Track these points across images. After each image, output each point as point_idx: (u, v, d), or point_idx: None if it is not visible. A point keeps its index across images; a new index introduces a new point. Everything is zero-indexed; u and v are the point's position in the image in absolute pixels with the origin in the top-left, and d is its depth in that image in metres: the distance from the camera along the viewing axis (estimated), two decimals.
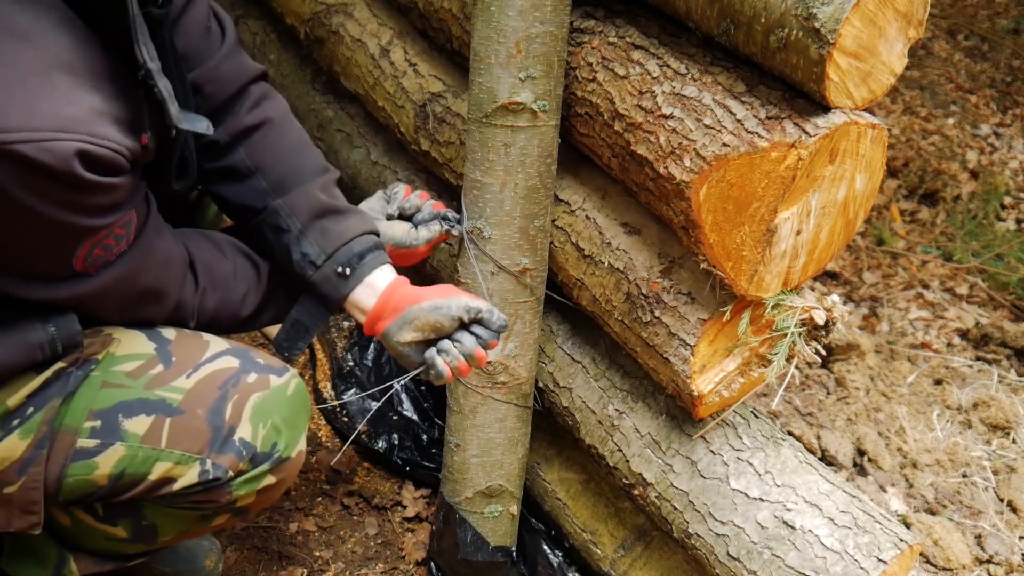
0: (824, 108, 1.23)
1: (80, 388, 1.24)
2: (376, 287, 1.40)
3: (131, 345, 1.29)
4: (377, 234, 1.44)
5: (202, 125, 1.22)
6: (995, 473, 2.38)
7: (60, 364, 1.22)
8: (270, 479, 1.35)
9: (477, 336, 1.39)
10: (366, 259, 1.39)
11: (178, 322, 1.36)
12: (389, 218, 1.58)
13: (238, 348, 1.36)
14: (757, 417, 1.59)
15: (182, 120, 1.19)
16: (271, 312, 1.48)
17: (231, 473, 1.30)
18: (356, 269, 1.38)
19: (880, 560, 1.35)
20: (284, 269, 1.43)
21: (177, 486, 1.29)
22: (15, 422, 1.21)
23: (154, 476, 1.27)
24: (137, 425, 1.25)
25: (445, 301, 1.37)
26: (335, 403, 2.17)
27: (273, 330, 2.37)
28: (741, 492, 1.47)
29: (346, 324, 2.42)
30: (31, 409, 1.21)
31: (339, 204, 1.42)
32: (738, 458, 1.50)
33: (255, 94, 1.44)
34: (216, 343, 1.35)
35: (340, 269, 1.38)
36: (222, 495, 1.32)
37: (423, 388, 2.26)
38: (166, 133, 1.21)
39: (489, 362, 1.62)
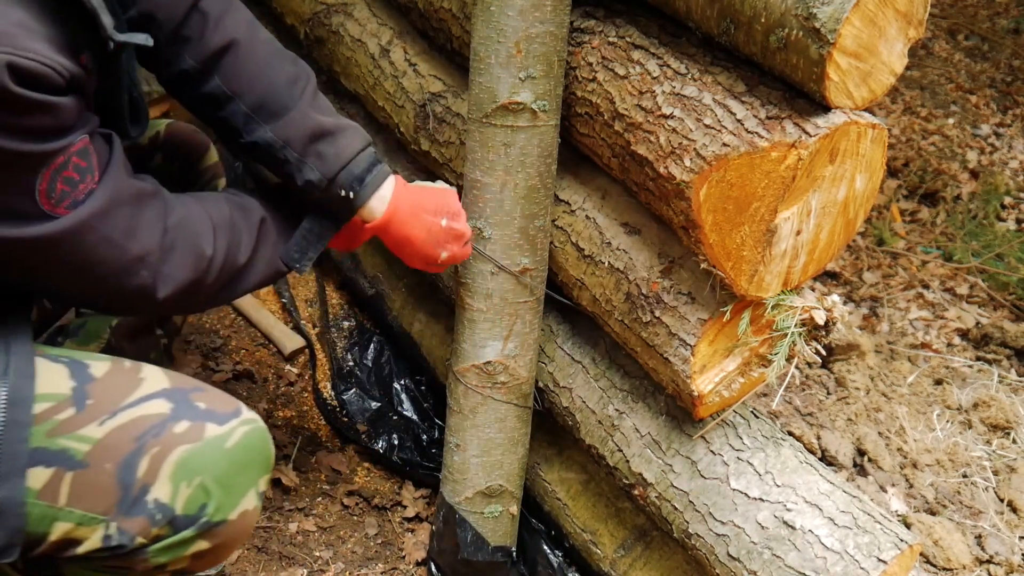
0: (824, 108, 1.23)
1: None
2: (383, 198, 1.43)
3: (46, 383, 1.14)
4: (371, 144, 1.44)
5: (140, 37, 1.17)
6: (995, 473, 2.37)
7: None
8: (202, 544, 1.18)
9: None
10: (366, 181, 1.40)
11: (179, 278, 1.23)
12: None
13: (181, 389, 1.21)
14: (757, 417, 1.59)
15: (118, 33, 1.13)
16: (263, 261, 1.37)
17: (141, 540, 1.15)
18: (359, 192, 1.40)
19: (880, 560, 1.35)
20: (288, 187, 1.44)
21: (81, 549, 1.14)
22: None
23: (54, 536, 1.13)
24: (33, 478, 1.10)
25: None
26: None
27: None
28: (741, 492, 1.47)
29: (346, 324, 2.42)
30: None
31: (328, 123, 1.39)
32: (738, 458, 1.50)
33: (213, 12, 1.36)
34: (154, 381, 1.20)
35: (343, 193, 1.39)
36: (136, 562, 1.17)
37: (423, 388, 2.27)
38: (103, 50, 1.14)
39: (489, 362, 1.62)
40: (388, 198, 1.43)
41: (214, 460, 1.17)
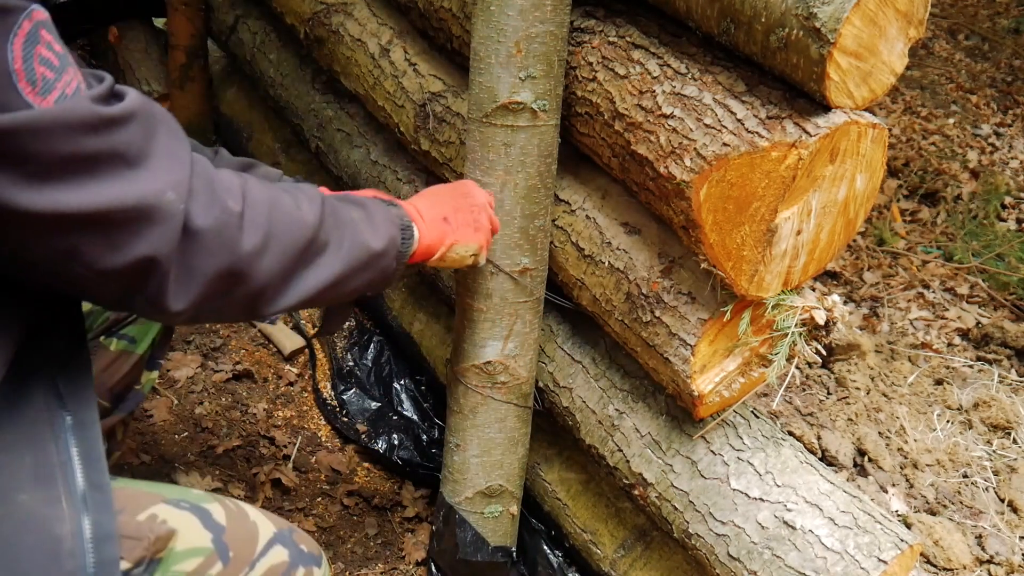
0: (825, 108, 1.23)
1: None
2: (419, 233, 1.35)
3: (189, 537, 1.15)
4: (390, 203, 1.35)
5: None
6: (995, 473, 2.37)
7: (126, 565, 1.07)
8: None
9: None
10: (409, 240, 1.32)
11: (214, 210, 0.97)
12: None
13: (282, 532, 1.27)
14: (757, 417, 1.59)
15: None
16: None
17: None
18: (407, 250, 1.32)
19: (880, 560, 1.35)
20: None
21: None
22: None
23: None
24: None
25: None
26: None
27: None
28: (741, 492, 1.47)
29: (346, 324, 2.42)
30: None
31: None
32: (738, 458, 1.50)
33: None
34: (263, 525, 1.26)
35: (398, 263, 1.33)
36: None
37: (423, 388, 2.26)
38: None
39: (489, 362, 1.62)
40: (419, 231, 1.34)
41: None
